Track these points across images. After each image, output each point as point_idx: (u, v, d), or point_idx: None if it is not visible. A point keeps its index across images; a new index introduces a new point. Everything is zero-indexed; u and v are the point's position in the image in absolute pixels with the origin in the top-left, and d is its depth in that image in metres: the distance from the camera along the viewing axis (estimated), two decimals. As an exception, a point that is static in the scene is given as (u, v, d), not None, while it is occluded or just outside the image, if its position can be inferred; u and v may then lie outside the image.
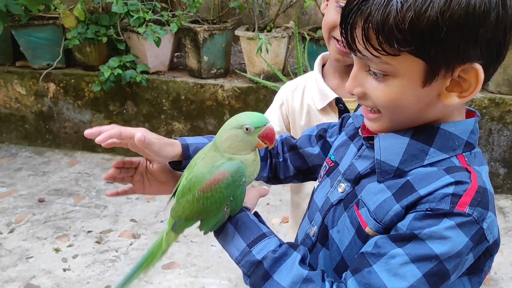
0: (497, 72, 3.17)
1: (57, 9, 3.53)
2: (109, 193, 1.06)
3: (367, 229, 0.79)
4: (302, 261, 0.81)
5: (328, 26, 1.29)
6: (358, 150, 0.89)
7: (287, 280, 0.78)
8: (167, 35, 3.50)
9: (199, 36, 3.51)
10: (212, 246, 2.74)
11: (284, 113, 1.44)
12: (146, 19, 3.39)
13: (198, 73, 3.64)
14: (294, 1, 3.57)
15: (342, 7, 0.77)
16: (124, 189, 1.06)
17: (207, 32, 3.52)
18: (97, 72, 3.58)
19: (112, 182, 3.45)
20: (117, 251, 2.74)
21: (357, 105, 1.25)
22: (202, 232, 0.89)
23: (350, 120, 0.99)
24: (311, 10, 4.10)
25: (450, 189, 0.73)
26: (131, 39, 3.64)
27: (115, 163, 1.01)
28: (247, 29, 3.56)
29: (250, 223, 0.86)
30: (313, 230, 0.92)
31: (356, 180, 0.85)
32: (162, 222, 3.02)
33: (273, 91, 3.36)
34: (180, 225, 0.90)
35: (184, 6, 3.60)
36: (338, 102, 1.33)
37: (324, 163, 0.98)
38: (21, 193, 3.34)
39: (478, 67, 0.72)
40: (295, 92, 1.42)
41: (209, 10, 3.77)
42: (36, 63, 3.81)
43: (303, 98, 1.40)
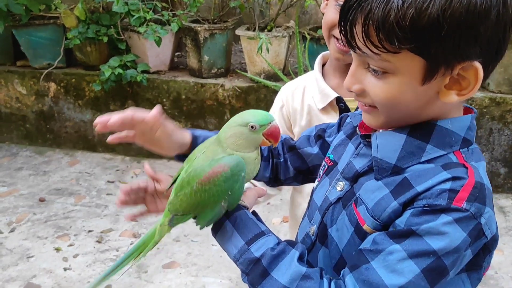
0: (498, 72, 3.15)
1: (58, 9, 3.53)
2: (127, 218, 1.06)
3: (365, 227, 0.79)
4: (300, 259, 0.81)
5: (328, 25, 1.29)
6: (356, 149, 0.89)
7: (286, 277, 0.77)
8: (168, 35, 3.50)
9: (200, 36, 3.52)
10: (213, 246, 2.74)
11: (285, 115, 1.44)
12: (147, 19, 3.40)
13: (199, 73, 3.64)
14: (295, 1, 3.58)
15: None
16: (140, 211, 1.06)
17: (208, 32, 3.52)
18: (98, 72, 3.59)
19: (113, 182, 3.46)
20: (118, 251, 2.74)
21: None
22: (199, 227, 0.89)
23: (349, 119, 0.99)
24: (312, 10, 4.10)
25: (447, 185, 0.72)
26: (132, 39, 3.65)
27: (123, 190, 1.00)
28: (248, 29, 3.56)
29: (249, 221, 0.86)
30: (313, 229, 0.92)
31: (354, 178, 0.85)
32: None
33: (274, 91, 3.36)
34: (177, 219, 0.90)
35: (185, 6, 3.60)
36: (339, 101, 1.33)
37: (323, 163, 0.98)
38: (22, 193, 3.34)
39: (478, 65, 0.72)
40: (295, 93, 1.42)
41: (210, 10, 3.77)
42: (37, 63, 3.82)
43: (304, 98, 1.40)
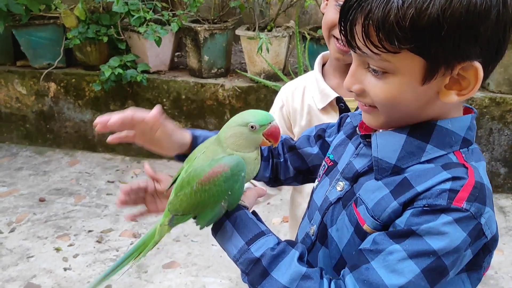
0: (498, 72, 3.15)
1: (58, 9, 3.53)
2: (127, 218, 1.06)
3: (365, 227, 0.79)
4: (300, 259, 0.81)
5: (328, 25, 1.29)
6: (356, 149, 0.89)
7: (286, 277, 0.77)
8: (168, 35, 3.50)
9: (200, 36, 3.52)
10: (213, 246, 2.73)
11: (285, 115, 1.43)
12: (147, 19, 3.40)
13: (199, 73, 3.64)
14: (295, 1, 3.58)
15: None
16: (140, 211, 1.05)
17: (208, 32, 3.52)
18: (98, 72, 3.59)
19: (113, 182, 3.46)
20: (118, 251, 2.74)
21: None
22: (198, 227, 0.89)
23: (349, 119, 0.99)
24: (312, 10, 4.10)
25: (447, 185, 0.72)
26: (132, 39, 3.65)
27: (123, 190, 1.00)
28: (248, 29, 3.56)
29: (249, 221, 0.86)
30: (313, 229, 0.91)
31: (354, 178, 0.85)
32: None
33: (274, 91, 3.36)
34: (177, 219, 0.90)
35: (185, 6, 3.60)
36: (339, 101, 1.33)
37: (323, 163, 0.98)
38: (22, 193, 3.34)
39: (478, 65, 0.72)
40: (295, 93, 1.42)
41: (210, 10, 3.77)
42: (37, 63, 3.82)
43: (304, 98, 1.40)
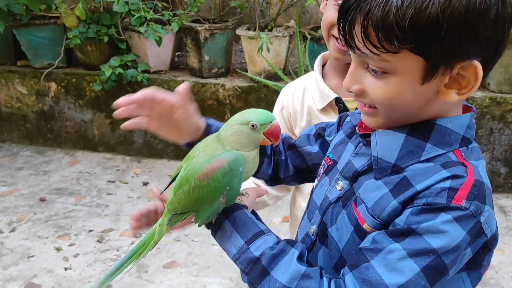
0: (498, 72, 3.15)
1: (58, 9, 3.53)
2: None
3: (365, 226, 0.79)
4: (300, 258, 0.81)
5: (327, 25, 1.28)
6: (356, 148, 0.89)
7: (285, 277, 0.77)
8: (168, 35, 3.50)
9: (200, 36, 3.52)
10: (213, 245, 2.73)
11: (286, 116, 1.44)
12: (147, 19, 3.40)
13: (199, 72, 3.64)
14: (295, 0, 3.57)
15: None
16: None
17: (208, 32, 3.52)
18: (98, 72, 3.59)
19: (114, 182, 3.46)
20: (118, 250, 2.74)
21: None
22: (197, 225, 0.89)
23: (348, 119, 0.99)
24: (312, 9, 4.09)
25: (447, 183, 0.72)
26: (132, 39, 3.65)
27: (134, 217, 1.00)
28: (248, 28, 3.56)
29: (248, 221, 0.86)
30: (313, 229, 0.91)
31: (354, 178, 0.85)
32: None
33: (274, 91, 3.36)
34: (176, 217, 0.89)
35: (185, 5, 3.60)
36: (338, 102, 1.33)
37: (323, 162, 0.98)
38: (22, 192, 3.34)
39: (477, 64, 0.72)
40: (295, 94, 1.42)
41: (210, 10, 3.77)
42: (37, 63, 3.82)
43: (304, 99, 1.40)
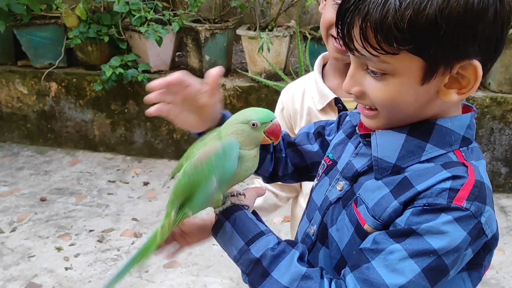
0: (499, 71, 3.14)
1: (59, 9, 3.53)
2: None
3: (366, 227, 0.79)
4: (301, 259, 0.81)
5: (326, 25, 1.28)
6: (356, 148, 0.89)
7: (286, 277, 0.77)
8: (169, 34, 3.50)
9: (201, 35, 3.52)
10: (214, 245, 2.73)
11: (286, 117, 1.44)
12: (148, 19, 3.40)
13: (200, 72, 3.64)
14: (296, 0, 3.58)
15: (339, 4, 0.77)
16: (175, 249, 1.00)
17: (209, 31, 3.52)
18: (99, 71, 3.59)
19: (114, 181, 3.46)
20: (119, 250, 2.75)
21: (356, 105, 1.25)
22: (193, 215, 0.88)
23: (348, 118, 0.98)
24: (313, 9, 4.09)
25: (447, 184, 0.72)
26: (133, 38, 3.65)
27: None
28: (249, 28, 3.56)
29: (248, 222, 0.86)
30: (313, 229, 0.91)
31: (354, 178, 0.85)
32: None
33: (275, 90, 3.36)
34: (180, 215, 0.88)
35: (186, 5, 3.60)
36: (337, 102, 1.33)
37: (322, 162, 0.98)
38: (23, 192, 3.34)
39: (477, 64, 0.72)
40: (295, 94, 1.42)
41: (211, 9, 3.77)
42: (38, 63, 3.82)
43: (303, 100, 1.40)
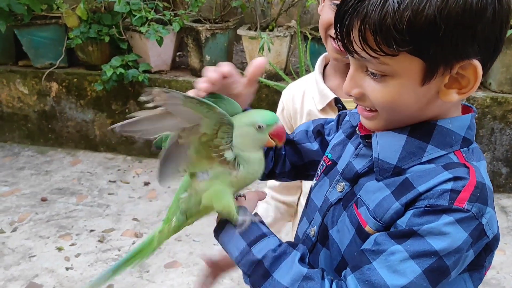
0: (500, 71, 3.14)
1: (60, 9, 3.53)
2: None
3: (367, 228, 0.79)
4: (302, 260, 0.80)
5: (324, 25, 1.28)
6: (356, 149, 0.88)
7: (287, 278, 0.77)
8: (169, 35, 3.50)
9: (201, 36, 3.52)
10: (214, 245, 2.74)
11: (286, 117, 1.44)
12: (148, 19, 3.40)
13: (200, 73, 3.58)
14: (296, 0, 3.58)
15: (337, 5, 0.77)
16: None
17: (209, 32, 3.52)
18: (100, 72, 3.59)
19: (115, 181, 3.46)
20: (120, 250, 2.75)
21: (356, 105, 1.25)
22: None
23: (347, 118, 0.98)
24: (313, 9, 4.09)
25: (449, 185, 0.72)
26: (133, 39, 3.65)
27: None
28: (249, 28, 3.56)
29: (250, 223, 0.86)
30: (313, 231, 0.91)
31: (355, 179, 0.85)
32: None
33: (275, 90, 3.36)
34: (178, 221, 0.88)
35: (186, 6, 3.60)
36: (337, 102, 1.33)
37: (322, 162, 0.97)
38: (24, 192, 3.35)
39: (477, 64, 0.72)
40: (296, 95, 1.42)
41: (211, 9, 3.77)
42: (39, 63, 3.82)
43: (304, 100, 1.40)
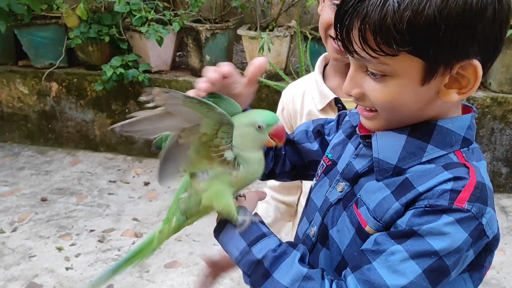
0: (500, 71, 3.14)
1: (60, 9, 3.53)
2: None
3: (367, 228, 0.79)
4: (302, 259, 0.80)
5: (324, 26, 1.28)
6: (356, 149, 0.88)
7: (287, 278, 0.77)
8: (169, 35, 3.50)
9: (201, 35, 3.52)
10: (214, 245, 2.74)
11: (286, 117, 1.44)
12: (148, 19, 3.40)
13: (200, 72, 3.58)
14: (296, 0, 3.58)
15: (337, 5, 0.77)
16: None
17: (209, 31, 3.52)
18: (100, 72, 3.59)
19: (115, 181, 3.46)
20: (120, 250, 2.75)
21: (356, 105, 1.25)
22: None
23: (347, 118, 0.98)
24: (313, 9, 4.09)
25: (449, 185, 0.72)
26: (134, 39, 3.65)
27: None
28: (249, 28, 3.56)
29: (250, 223, 0.86)
30: (313, 231, 0.91)
31: (355, 179, 0.85)
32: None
33: (275, 90, 3.36)
34: (179, 221, 0.88)
35: (186, 5, 3.60)
36: (337, 102, 1.33)
37: (321, 162, 0.97)
38: (24, 192, 3.35)
39: (477, 64, 0.72)
40: (296, 95, 1.42)
41: (211, 9, 3.77)
42: (39, 63, 3.82)
43: (304, 100, 1.40)
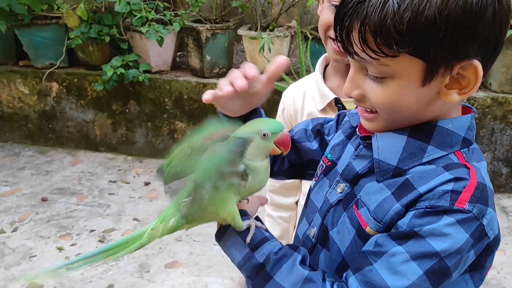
0: (500, 72, 3.14)
1: (60, 9, 3.53)
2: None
3: (368, 229, 0.78)
4: (303, 262, 0.81)
5: (324, 27, 1.28)
6: (356, 150, 0.88)
7: (288, 281, 0.78)
8: (170, 35, 3.50)
9: (202, 36, 3.52)
10: (215, 245, 2.74)
11: (286, 118, 1.45)
12: (149, 19, 3.40)
13: (201, 73, 3.64)
14: (297, 0, 3.58)
15: (336, 6, 0.76)
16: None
17: (210, 32, 3.52)
18: (100, 72, 3.58)
19: (115, 181, 3.47)
20: (120, 250, 2.75)
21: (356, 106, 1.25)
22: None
23: (346, 118, 0.98)
24: (314, 9, 4.09)
25: (449, 186, 0.72)
26: (134, 39, 3.65)
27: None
28: (250, 29, 3.56)
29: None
30: (313, 232, 0.91)
31: (355, 180, 0.85)
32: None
33: (276, 90, 3.34)
34: (177, 223, 0.87)
35: (187, 6, 3.60)
36: (337, 102, 1.33)
37: (321, 162, 0.97)
38: (24, 192, 3.35)
39: (477, 64, 0.72)
40: (296, 95, 1.43)
41: (212, 10, 3.77)
42: (39, 63, 3.82)
43: (304, 100, 1.40)
